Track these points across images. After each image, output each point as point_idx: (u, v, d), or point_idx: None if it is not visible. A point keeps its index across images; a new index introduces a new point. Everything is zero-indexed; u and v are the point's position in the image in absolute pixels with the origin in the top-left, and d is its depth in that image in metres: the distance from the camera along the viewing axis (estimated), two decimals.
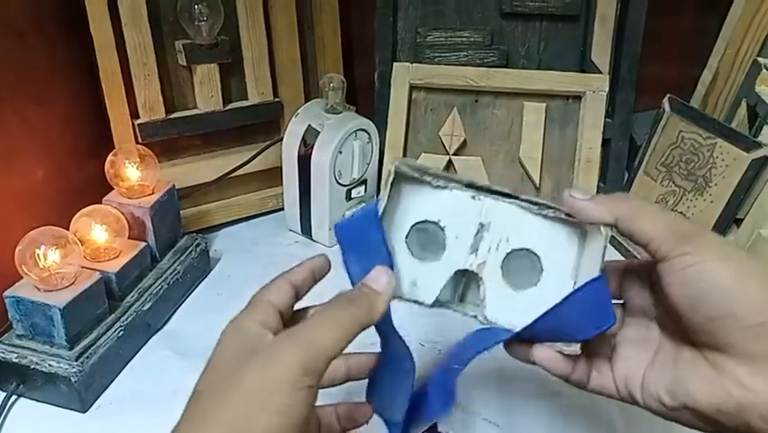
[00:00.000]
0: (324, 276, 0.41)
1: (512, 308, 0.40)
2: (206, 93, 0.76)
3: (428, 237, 0.41)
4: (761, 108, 0.69)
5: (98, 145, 0.71)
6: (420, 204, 0.40)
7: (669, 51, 0.88)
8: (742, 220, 0.68)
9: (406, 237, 0.41)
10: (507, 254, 0.40)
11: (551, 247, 0.40)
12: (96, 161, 0.68)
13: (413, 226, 0.41)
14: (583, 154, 0.77)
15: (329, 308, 0.36)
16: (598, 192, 0.79)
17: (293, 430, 0.31)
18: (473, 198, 0.40)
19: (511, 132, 0.79)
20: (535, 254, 0.40)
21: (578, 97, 0.78)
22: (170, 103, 0.76)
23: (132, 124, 0.73)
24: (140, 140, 0.73)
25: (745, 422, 0.33)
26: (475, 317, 0.42)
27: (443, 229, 0.41)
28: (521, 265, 0.41)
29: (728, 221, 0.68)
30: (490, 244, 0.40)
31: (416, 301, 0.41)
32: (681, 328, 0.37)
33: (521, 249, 0.40)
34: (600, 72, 0.79)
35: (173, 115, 0.76)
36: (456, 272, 0.41)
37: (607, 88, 0.77)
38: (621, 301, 0.42)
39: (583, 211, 0.37)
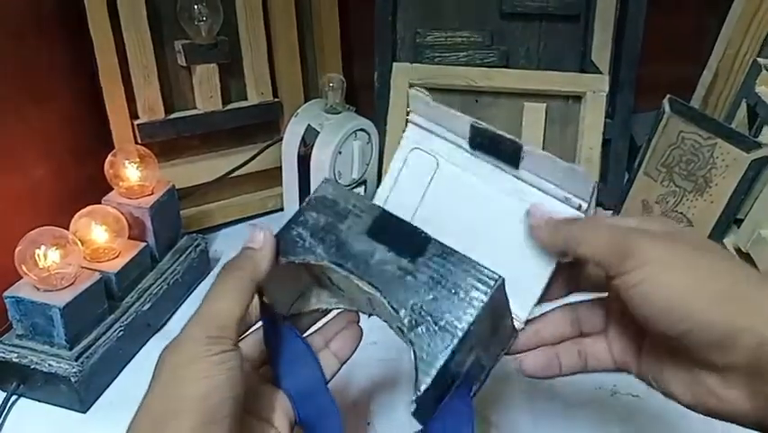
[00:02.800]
0: None
1: None
2: (206, 93, 0.76)
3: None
4: (761, 109, 0.69)
5: (98, 145, 0.71)
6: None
7: (669, 52, 0.88)
8: (742, 220, 0.68)
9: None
10: None
11: None
12: (95, 161, 0.68)
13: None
14: (583, 155, 0.77)
15: (219, 278, 0.36)
16: (598, 193, 0.79)
17: (226, 389, 0.32)
18: (346, 277, 0.37)
19: (511, 132, 0.78)
20: None
21: (578, 98, 0.78)
22: (170, 103, 0.76)
23: (132, 124, 0.73)
24: (139, 140, 0.73)
25: (734, 422, 0.32)
26: None
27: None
28: None
29: (729, 221, 0.68)
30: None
31: None
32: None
33: None
34: (600, 72, 0.79)
35: (173, 116, 0.76)
36: None
37: (607, 89, 0.77)
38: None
39: (537, 230, 0.38)
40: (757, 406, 0.30)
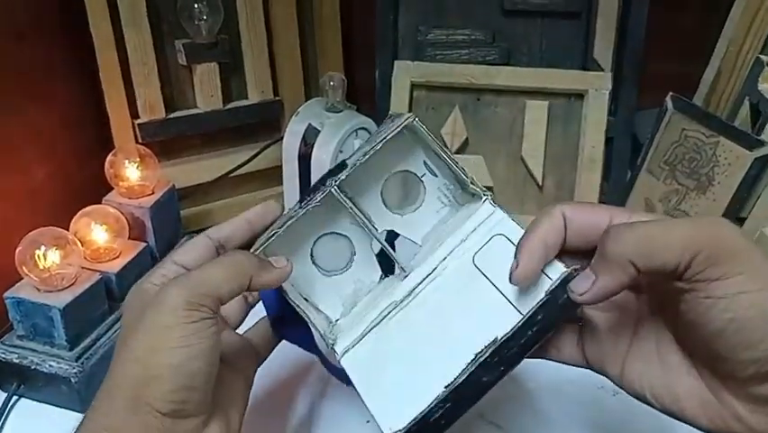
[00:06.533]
0: (267, 223, 0.41)
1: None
2: (206, 92, 0.76)
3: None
4: (763, 106, 0.68)
5: (98, 145, 0.71)
6: None
7: (671, 49, 0.88)
8: (745, 219, 0.68)
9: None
10: None
11: None
12: (95, 161, 0.68)
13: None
14: (586, 153, 0.77)
15: (225, 254, 0.37)
16: (601, 191, 0.78)
17: (202, 358, 0.33)
18: None
19: (513, 130, 0.79)
20: None
21: (580, 96, 0.77)
22: (170, 102, 0.76)
23: (132, 123, 0.73)
24: (140, 140, 0.73)
25: None
26: None
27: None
28: None
29: (731, 220, 0.68)
30: None
31: None
32: (676, 333, 0.33)
33: None
34: (603, 70, 0.78)
35: (173, 115, 0.76)
36: None
37: (609, 86, 0.76)
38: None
39: (604, 293, 0.31)
40: None
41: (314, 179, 0.74)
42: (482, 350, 0.33)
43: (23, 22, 0.64)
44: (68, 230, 0.58)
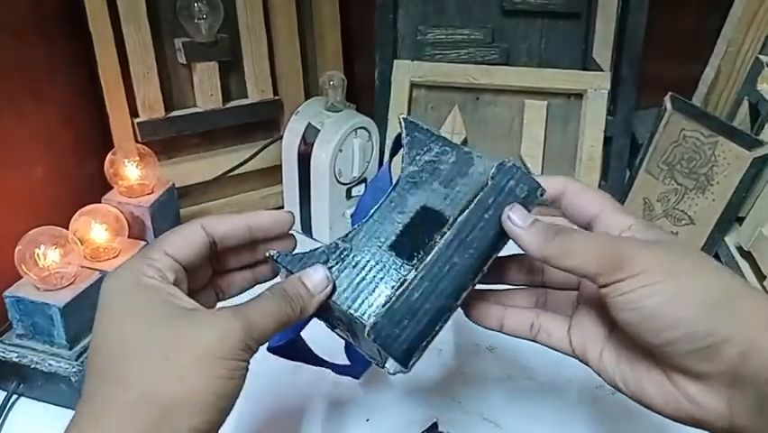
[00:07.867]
0: (273, 236, 0.40)
1: None
2: (206, 91, 0.76)
3: None
4: (762, 106, 0.68)
5: (98, 144, 0.71)
6: None
7: (671, 49, 0.88)
8: (744, 218, 0.68)
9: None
10: None
11: None
12: (95, 160, 0.68)
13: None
14: (585, 152, 0.77)
15: (272, 300, 0.35)
16: (599, 187, 0.79)
17: (237, 393, 0.32)
18: None
19: (512, 129, 0.79)
20: None
21: (579, 95, 0.78)
22: (170, 101, 0.76)
23: (132, 122, 0.73)
24: (139, 138, 0.73)
25: (701, 428, 0.33)
26: None
27: None
28: None
29: (730, 219, 0.68)
30: None
31: None
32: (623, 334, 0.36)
33: None
34: (602, 70, 0.79)
35: (173, 114, 0.76)
36: None
37: (608, 86, 0.77)
38: None
39: (517, 239, 0.36)
40: (735, 412, 0.31)
41: (313, 177, 0.74)
42: (443, 231, 0.37)
43: (24, 21, 0.64)
44: (67, 229, 0.58)
